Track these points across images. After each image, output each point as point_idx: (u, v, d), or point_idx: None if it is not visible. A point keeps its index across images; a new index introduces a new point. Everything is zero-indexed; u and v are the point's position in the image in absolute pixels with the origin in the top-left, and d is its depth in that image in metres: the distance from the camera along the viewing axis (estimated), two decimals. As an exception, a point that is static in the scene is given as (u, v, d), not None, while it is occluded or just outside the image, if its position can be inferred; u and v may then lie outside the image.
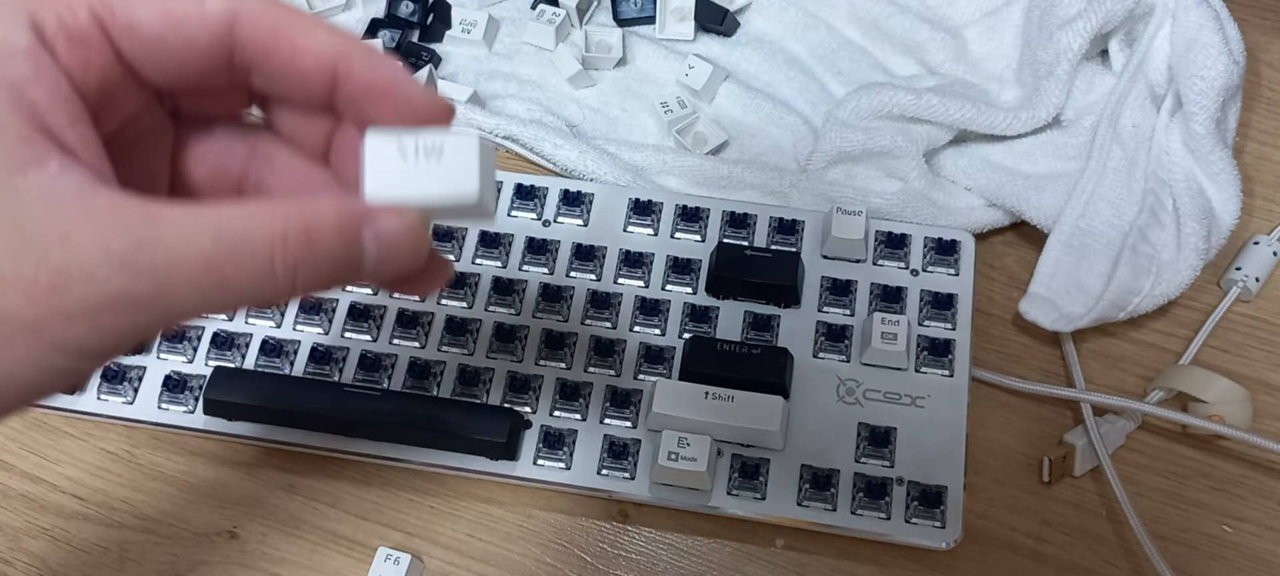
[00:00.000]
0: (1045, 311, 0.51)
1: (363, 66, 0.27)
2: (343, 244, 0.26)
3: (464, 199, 0.27)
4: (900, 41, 0.61)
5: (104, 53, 0.25)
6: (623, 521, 0.50)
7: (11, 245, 0.24)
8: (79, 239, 0.24)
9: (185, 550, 0.51)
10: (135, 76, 0.26)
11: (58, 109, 0.24)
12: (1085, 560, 0.49)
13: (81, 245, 0.24)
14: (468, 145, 0.27)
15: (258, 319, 0.53)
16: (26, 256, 0.24)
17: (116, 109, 0.27)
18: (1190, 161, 0.53)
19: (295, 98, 0.28)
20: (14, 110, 0.24)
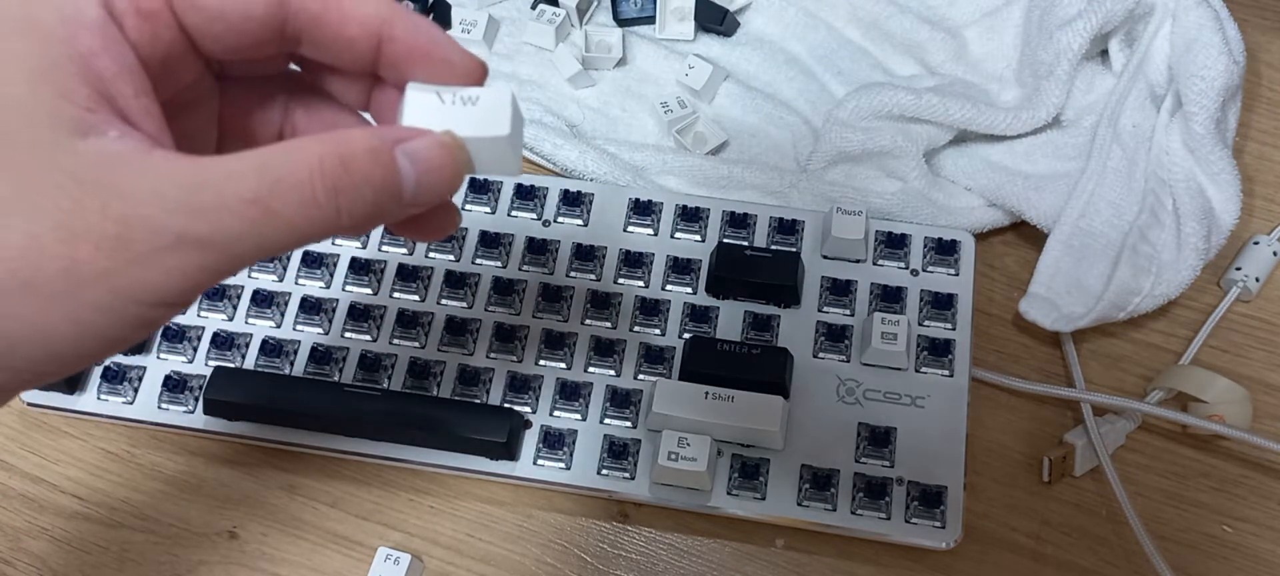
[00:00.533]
0: (1045, 311, 0.51)
1: (405, 30, 0.29)
2: (378, 165, 0.28)
3: (495, 134, 0.29)
4: (900, 41, 0.61)
5: (170, 27, 0.27)
6: (623, 521, 0.50)
7: (75, 201, 0.25)
8: (135, 191, 0.26)
9: (185, 550, 0.51)
10: (195, 48, 0.27)
11: (123, 80, 0.26)
12: (1085, 560, 0.49)
13: (138, 196, 0.26)
14: (501, 94, 0.30)
15: (257, 319, 0.53)
16: (91, 210, 0.25)
17: (175, 78, 0.28)
18: (1190, 161, 0.53)
19: (341, 63, 0.29)
20: (81, 80, 0.25)
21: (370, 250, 0.55)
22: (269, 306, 0.53)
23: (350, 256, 0.55)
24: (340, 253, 0.55)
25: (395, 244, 0.55)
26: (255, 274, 0.55)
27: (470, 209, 0.56)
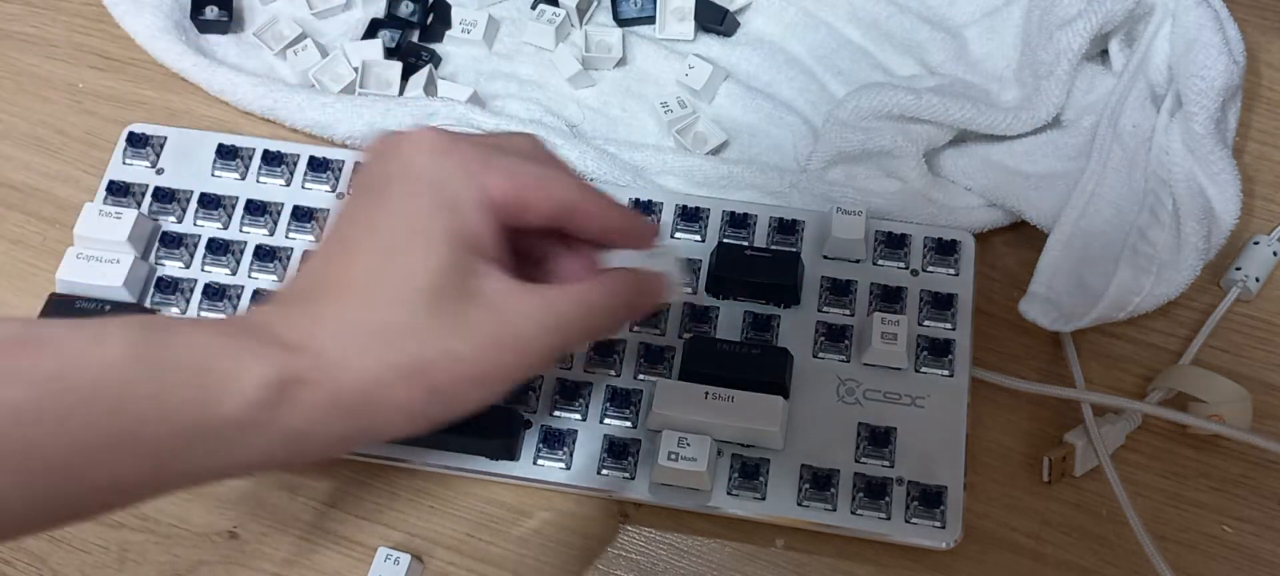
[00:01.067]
0: (1045, 311, 0.51)
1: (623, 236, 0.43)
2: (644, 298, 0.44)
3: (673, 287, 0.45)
4: (900, 41, 0.61)
5: (517, 213, 0.39)
6: (623, 521, 0.50)
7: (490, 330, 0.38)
8: (523, 318, 0.38)
9: (185, 550, 0.51)
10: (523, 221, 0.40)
11: (495, 241, 0.39)
12: (1085, 560, 0.49)
13: (524, 321, 0.38)
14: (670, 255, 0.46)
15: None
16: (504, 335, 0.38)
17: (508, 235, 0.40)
18: (1190, 161, 0.53)
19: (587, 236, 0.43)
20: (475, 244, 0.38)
21: (370, 250, 0.55)
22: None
23: (350, 256, 0.55)
24: (340, 253, 0.55)
25: (395, 244, 0.55)
26: (256, 273, 0.55)
27: (470, 209, 0.56)
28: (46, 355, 0.33)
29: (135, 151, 0.58)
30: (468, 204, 0.38)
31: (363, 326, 0.37)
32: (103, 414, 0.33)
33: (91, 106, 0.63)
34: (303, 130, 0.60)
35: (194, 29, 0.64)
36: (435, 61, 0.62)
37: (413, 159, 0.39)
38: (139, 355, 0.34)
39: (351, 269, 0.38)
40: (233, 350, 0.35)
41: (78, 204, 0.56)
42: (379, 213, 0.38)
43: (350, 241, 0.38)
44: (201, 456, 0.35)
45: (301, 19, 0.64)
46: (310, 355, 0.36)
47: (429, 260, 0.37)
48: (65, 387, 0.33)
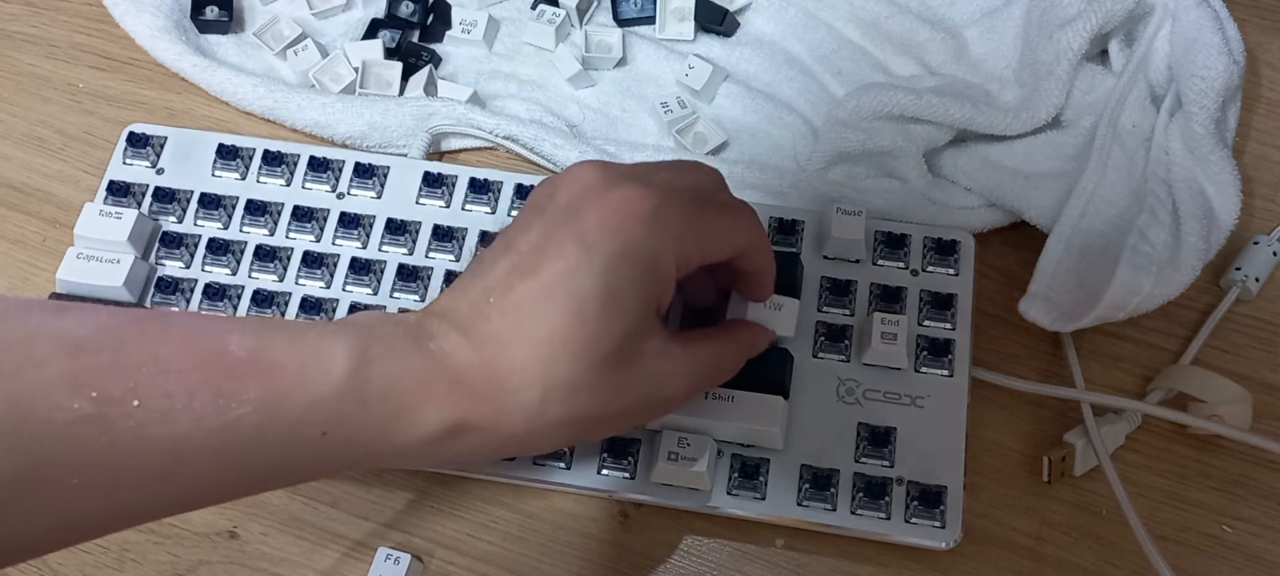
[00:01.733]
0: (1045, 311, 0.51)
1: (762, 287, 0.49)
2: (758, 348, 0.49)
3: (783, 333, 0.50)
4: (900, 41, 0.61)
5: (699, 262, 0.43)
6: (623, 521, 0.50)
7: (634, 388, 0.41)
8: (668, 378, 0.43)
9: (185, 550, 0.51)
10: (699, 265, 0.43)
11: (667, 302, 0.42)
12: (1085, 560, 0.49)
13: (668, 382, 0.43)
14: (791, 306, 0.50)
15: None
16: (640, 393, 0.42)
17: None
18: (1190, 161, 0.53)
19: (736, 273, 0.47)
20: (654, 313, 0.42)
21: (371, 250, 0.55)
22: (269, 306, 0.53)
23: (351, 256, 0.55)
24: (340, 253, 0.55)
25: (395, 244, 0.55)
26: (256, 273, 0.55)
27: (470, 209, 0.56)
28: (274, 380, 0.36)
29: (135, 151, 0.58)
30: (668, 276, 0.41)
31: (542, 382, 0.39)
32: (308, 436, 0.36)
33: (91, 106, 0.63)
34: (303, 130, 0.61)
35: (194, 29, 0.64)
36: (435, 61, 0.62)
37: (627, 229, 0.40)
38: (350, 387, 0.37)
39: (543, 320, 0.39)
40: (424, 391, 0.38)
41: (78, 204, 0.56)
42: (584, 271, 0.39)
43: (549, 286, 0.39)
44: (362, 465, 0.39)
45: (301, 19, 0.64)
46: (489, 405, 0.39)
47: (618, 326, 0.40)
48: (283, 412, 0.36)
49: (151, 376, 0.34)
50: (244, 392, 0.35)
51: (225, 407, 0.34)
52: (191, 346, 0.35)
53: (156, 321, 0.36)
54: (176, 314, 0.37)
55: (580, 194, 0.41)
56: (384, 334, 0.38)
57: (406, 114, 0.59)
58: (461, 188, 0.56)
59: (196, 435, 0.34)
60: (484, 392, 0.39)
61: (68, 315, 0.35)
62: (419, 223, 0.56)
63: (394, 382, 0.37)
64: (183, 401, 0.34)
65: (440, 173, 0.57)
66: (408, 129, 0.59)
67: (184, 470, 0.35)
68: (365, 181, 0.57)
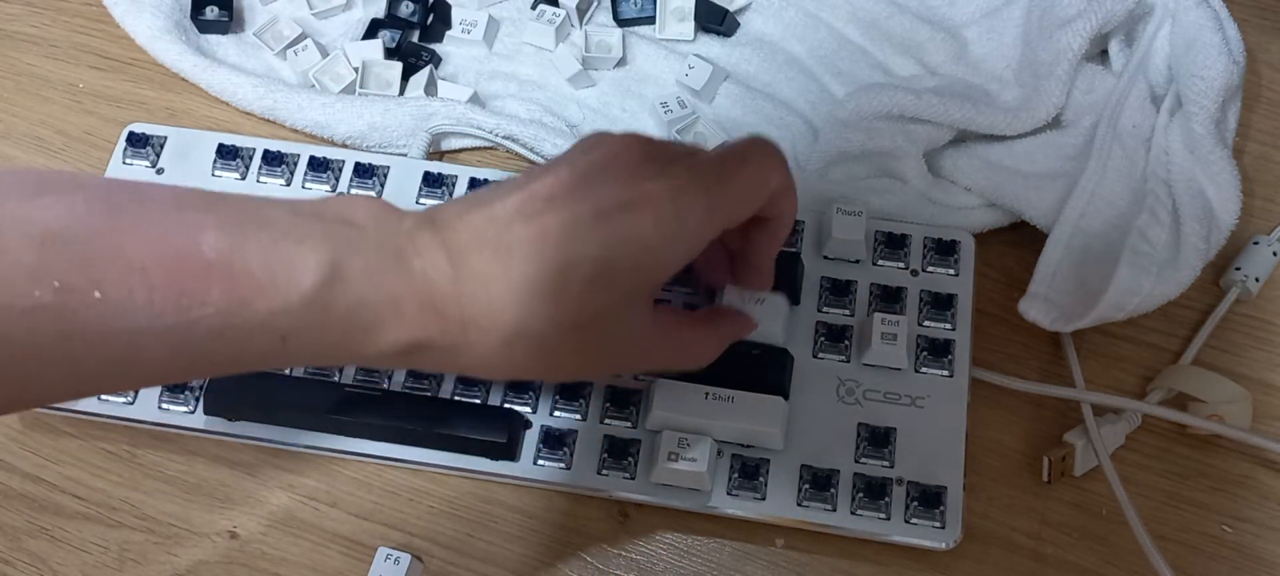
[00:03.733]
0: (1045, 311, 0.51)
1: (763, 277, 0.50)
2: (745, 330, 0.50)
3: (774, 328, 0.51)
4: (900, 41, 0.61)
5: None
6: (623, 521, 0.50)
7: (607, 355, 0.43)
8: (643, 354, 0.45)
9: (185, 550, 0.51)
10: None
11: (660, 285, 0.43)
12: (1085, 560, 0.49)
13: (643, 356, 0.45)
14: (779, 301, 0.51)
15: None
16: (612, 359, 0.44)
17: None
18: (1190, 161, 0.53)
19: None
20: (652, 292, 0.43)
21: (370, 250, 0.55)
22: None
23: (350, 256, 0.55)
24: (340, 253, 0.55)
25: (395, 244, 0.55)
26: (255, 274, 0.55)
27: (470, 209, 0.56)
28: (240, 285, 0.36)
29: (135, 151, 0.58)
30: (667, 266, 0.41)
31: (511, 327, 0.39)
32: (267, 340, 0.37)
33: (91, 106, 0.63)
34: (303, 130, 0.60)
35: (194, 29, 0.64)
36: (435, 62, 0.62)
37: (641, 217, 0.40)
38: (317, 299, 0.37)
39: (531, 268, 0.38)
40: (392, 310, 0.38)
41: (78, 204, 0.56)
42: (585, 235, 0.39)
43: (547, 236, 0.39)
44: (318, 364, 0.41)
45: (301, 19, 0.64)
46: (455, 334, 0.39)
47: (600, 299, 0.40)
48: (244, 317, 0.36)
49: (115, 271, 0.34)
50: (207, 294, 0.35)
51: (186, 307, 0.35)
52: (161, 243, 0.35)
53: (131, 211, 0.36)
54: (156, 200, 0.37)
55: (612, 163, 0.40)
56: (366, 246, 0.38)
57: (406, 114, 0.59)
58: (461, 188, 0.56)
59: (155, 329, 0.35)
60: (453, 320, 0.38)
61: (42, 200, 0.34)
62: (419, 223, 0.56)
63: (363, 299, 0.37)
64: (143, 297, 0.34)
65: (440, 173, 0.57)
66: (408, 129, 0.59)
67: (141, 357, 0.35)
68: (365, 181, 0.57)
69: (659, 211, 0.40)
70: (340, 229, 0.38)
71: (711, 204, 0.41)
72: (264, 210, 0.37)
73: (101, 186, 0.36)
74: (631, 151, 0.41)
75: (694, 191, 0.41)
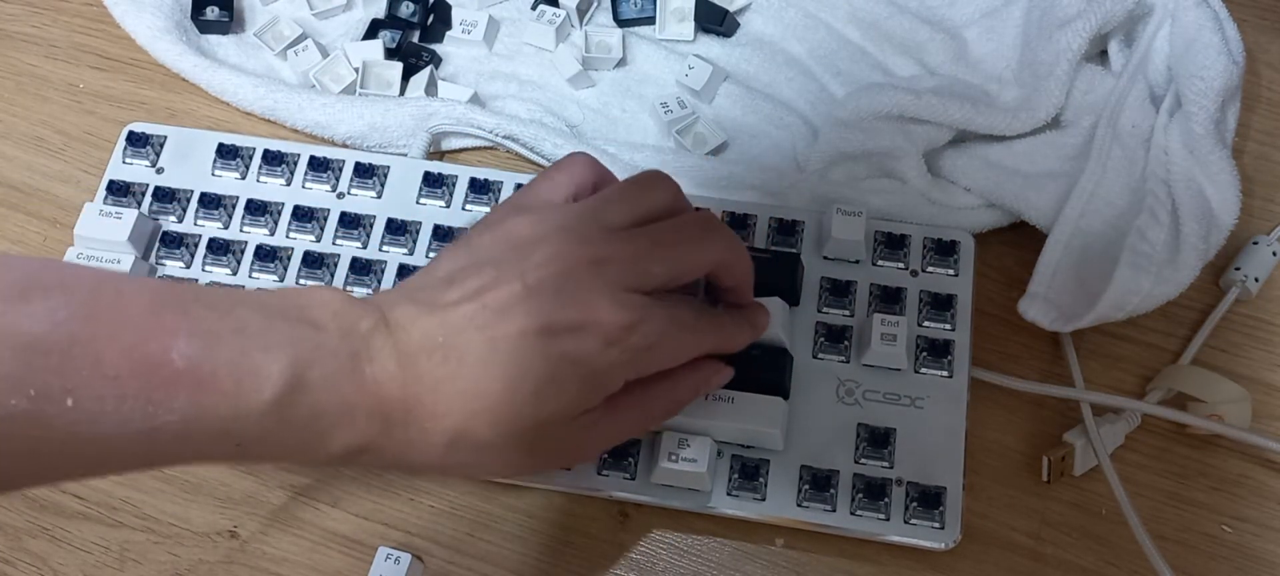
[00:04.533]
0: (1045, 311, 0.51)
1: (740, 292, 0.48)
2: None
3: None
4: (900, 42, 0.61)
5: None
6: (623, 521, 0.50)
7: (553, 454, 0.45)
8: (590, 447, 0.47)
9: (185, 550, 0.51)
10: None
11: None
12: (1085, 560, 0.49)
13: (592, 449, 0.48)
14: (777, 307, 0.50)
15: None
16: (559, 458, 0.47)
17: None
18: (1190, 161, 0.53)
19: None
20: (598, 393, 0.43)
21: (371, 250, 0.55)
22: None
23: (351, 257, 0.55)
24: (341, 253, 0.55)
25: (396, 244, 0.55)
26: (256, 273, 0.55)
27: (470, 209, 0.56)
28: (205, 393, 0.36)
29: (135, 151, 0.58)
30: (613, 385, 0.42)
31: (454, 432, 0.40)
32: (224, 445, 0.38)
33: (91, 106, 0.63)
34: (303, 130, 0.61)
35: (194, 29, 0.64)
36: (436, 62, 0.62)
37: (591, 341, 0.41)
38: (275, 410, 0.38)
39: (479, 380, 0.40)
40: (345, 418, 0.39)
41: (78, 204, 0.56)
42: (534, 352, 0.40)
43: (497, 349, 0.40)
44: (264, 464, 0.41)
45: (302, 19, 0.64)
46: (399, 436, 0.40)
47: (545, 410, 0.41)
48: (205, 424, 0.37)
49: (89, 380, 0.35)
50: (172, 402, 0.36)
51: (152, 415, 0.36)
52: (135, 353, 0.36)
53: (109, 316, 0.36)
54: (135, 301, 0.37)
55: (563, 279, 0.41)
56: (326, 353, 0.39)
57: (406, 114, 0.59)
58: (461, 188, 0.56)
59: (122, 435, 0.36)
60: (398, 424, 0.40)
61: (27, 305, 0.35)
62: (419, 223, 0.56)
63: (320, 410, 0.38)
64: (113, 405, 0.35)
65: (440, 173, 0.57)
66: (408, 129, 0.59)
67: (106, 458, 0.37)
68: (365, 181, 0.57)
69: (607, 335, 0.41)
70: (303, 332, 0.39)
71: (664, 316, 0.43)
72: (238, 314, 0.38)
73: (85, 286, 0.37)
74: (581, 261, 0.42)
75: (646, 309, 0.42)
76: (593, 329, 0.41)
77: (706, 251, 0.45)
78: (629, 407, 0.44)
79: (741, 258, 0.46)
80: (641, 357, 0.43)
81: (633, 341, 0.42)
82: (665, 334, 0.43)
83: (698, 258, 0.45)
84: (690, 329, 0.45)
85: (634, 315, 0.42)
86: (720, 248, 0.45)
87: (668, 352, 0.44)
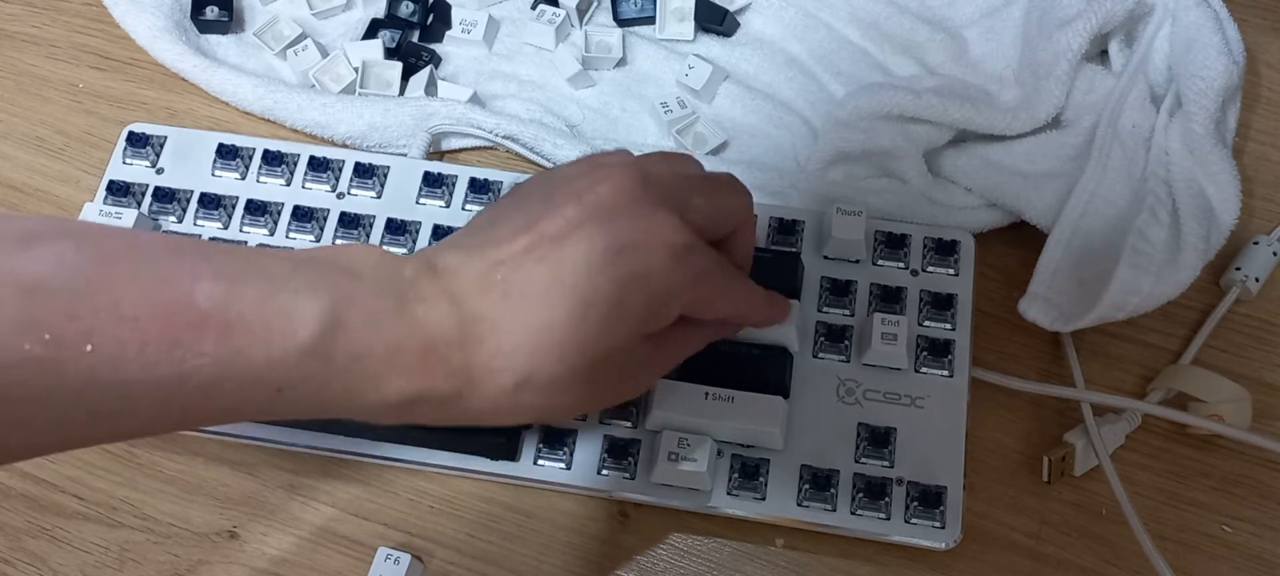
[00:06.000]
0: (1045, 311, 0.51)
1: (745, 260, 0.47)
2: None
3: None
4: (900, 42, 0.61)
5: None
6: (623, 521, 0.50)
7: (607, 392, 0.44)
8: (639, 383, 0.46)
9: (185, 550, 0.51)
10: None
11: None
12: (1085, 560, 0.49)
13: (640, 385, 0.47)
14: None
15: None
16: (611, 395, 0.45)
17: None
18: (1190, 161, 0.53)
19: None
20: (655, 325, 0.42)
21: (370, 250, 0.55)
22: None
23: (350, 256, 0.55)
24: (340, 253, 0.55)
25: (396, 244, 0.55)
26: (255, 274, 0.55)
27: (470, 208, 0.56)
28: (235, 335, 0.35)
29: (135, 151, 0.58)
30: (671, 312, 0.41)
31: (524, 371, 0.38)
32: (263, 391, 0.36)
33: (91, 106, 0.63)
34: (303, 130, 0.61)
35: (194, 29, 0.64)
36: (435, 62, 0.62)
37: (656, 255, 0.40)
38: (314, 350, 0.36)
39: (546, 311, 0.38)
40: (393, 360, 0.37)
41: (78, 204, 0.56)
42: (602, 275, 0.39)
43: (563, 278, 0.38)
44: (315, 416, 0.37)
45: (301, 19, 0.64)
46: (459, 380, 0.38)
47: (613, 336, 0.39)
48: (239, 368, 0.35)
49: (107, 322, 0.33)
50: (201, 345, 0.34)
51: (180, 359, 0.34)
52: (155, 295, 0.34)
53: (125, 261, 0.34)
54: (149, 248, 0.35)
55: (619, 199, 0.40)
56: (366, 294, 0.37)
57: (406, 114, 0.59)
58: (461, 188, 0.56)
59: (146, 382, 0.34)
60: (457, 367, 0.38)
61: (30, 251, 0.33)
62: (419, 223, 0.56)
63: (363, 350, 0.36)
64: (135, 349, 0.33)
65: (440, 172, 0.57)
66: (408, 129, 0.59)
67: (132, 410, 0.34)
68: (365, 181, 0.57)
69: (672, 250, 0.40)
70: (339, 277, 0.37)
71: (712, 253, 0.43)
72: (260, 259, 0.37)
73: (92, 233, 0.35)
74: (637, 186, 0.41)
75: (701, 241, 0.42)
76: (657, 245, 0.40)
77: (738, 200, 0.45)
78: (669, 343, 0.44)
79: (753, 231, 0.46)
80: (700, 284, 0.42)
81: (694, 261, 0.41)
82: (717, 270, 0.43)
83: (732, 203, 0.44)
84: (732, 277, 0.44)
85: (692, 236, 0.41)
86: (746, 206, 0.45)
87: (718, 290, 0.43)
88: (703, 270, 0.42)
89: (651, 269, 0.40)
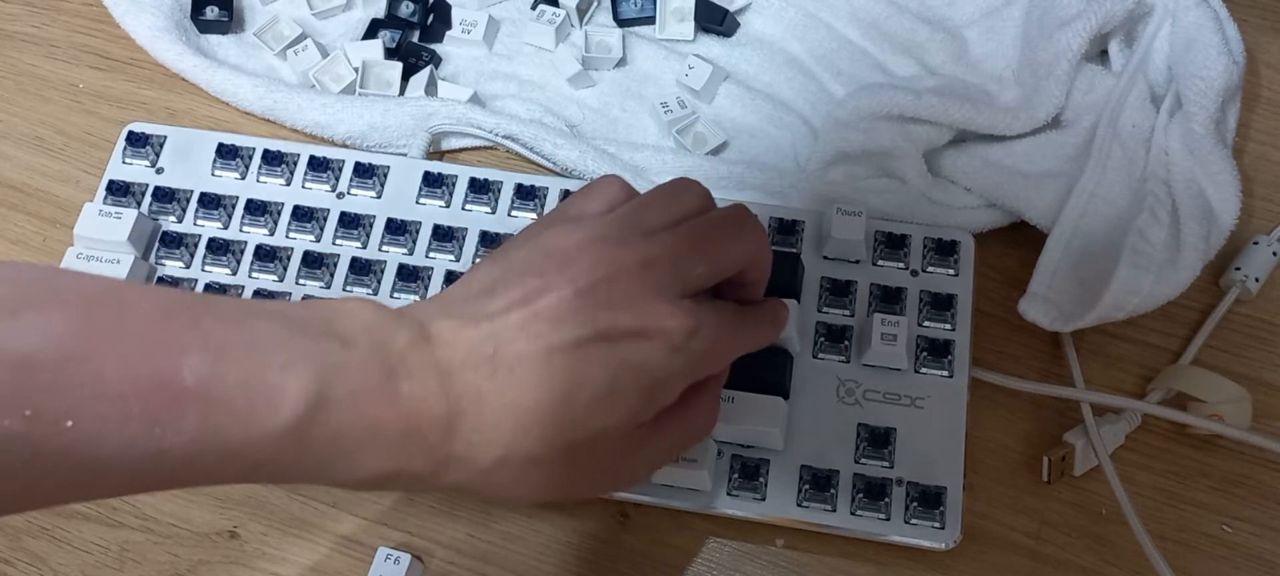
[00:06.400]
0: (1045, 311, 0.51)
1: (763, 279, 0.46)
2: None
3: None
4: (900, 42, 0.61)
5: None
6: (623, 521, 0.50)
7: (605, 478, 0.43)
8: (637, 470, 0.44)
9: (185, 550, 0.51)
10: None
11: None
12: (1085, 560, 0.49)
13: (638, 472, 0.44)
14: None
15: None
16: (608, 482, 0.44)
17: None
18: (1190, 161, 0.53)
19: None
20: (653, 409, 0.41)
21: (371, 250, 0.55)
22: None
23: (351, 257, 0.55)
24: (340, 252, 0.55)
25: (396, 244, 0.55)
26: (256, 273, 0.55)
27: (470, 209, 0.56)
28: (216, 413, 0.34)
29: (135, 151, 0.58)
30: (670, 396, 0.41)
31: (502, 449, 0.37)
32: (238, 467, 0.35)
33: (91, 106, 0.63)
34: (303, 130, 0.61)
35: (194, 29, 0.64)
36: (435, 62, 0.62)
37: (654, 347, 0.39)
38: (294, 431, 0.35)
39: (533, 390, 0.37)
40: (372, 439, 0.36)
41: (78, 204, 0.56)
42: (595, 361, 0.38)
43: (553, 358, 0.38)
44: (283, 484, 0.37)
45: (302, 19, 0.64)
46: (438, 456, 0.37)
47: (600, 422, 0.39)
48: (217, 444, 0.34)
49: (90, 399, 0.32)
50: (181, 422, 0.33)
51: (159, 436, 0.33)
52: (140, 368, 0.33)
53: (111, 329, 0.34)
54: (140, 311, 0.34)
55: (615, 292, 0.39)
56: (354, 366, 0.36)
57: (406, 114, 0.59)
58: (461, 187, 0.56)
59: (124, 457, 0.33)
60: (436, 444, 0.37)
61: (20, 319, 0.33)
62: (419, 223, 0.56)
63: (343, 430, 0.36)
64: (116, 426, 0.33)
65: (440, 172, 0.57)
66: (408, 129, 0.59)
67: (104, 482, 0.34)
68: (365, 181, 0.57)
69: (671, 341, 0.39)
70: (328, 347, 0.36)
71: (715, 318, 0.42)
72: (253, 325, 0.35)
73: (83, 299, 0.34)
74: (628, 265, 0.40)
75: (700, 312, 0.41)
76: (656, 335, 0.39)
77: (743, 244, 0.43)
78: (674, 424, 0.42)
79: (768, 251, 0.45)
80: (702, 363, 0.41)
81: (694, 346, 0.40)
82: (720, 336, 0.42)
83: (737, 251, 0.43)
84: (735, 329, 0.43)
85: (693, 320, 0.40)
86: (754, 242, 0.44)
87: (722, 355, 0.43)
88: (704, 351, 0.41)
89: (649, 361, 0.39)
